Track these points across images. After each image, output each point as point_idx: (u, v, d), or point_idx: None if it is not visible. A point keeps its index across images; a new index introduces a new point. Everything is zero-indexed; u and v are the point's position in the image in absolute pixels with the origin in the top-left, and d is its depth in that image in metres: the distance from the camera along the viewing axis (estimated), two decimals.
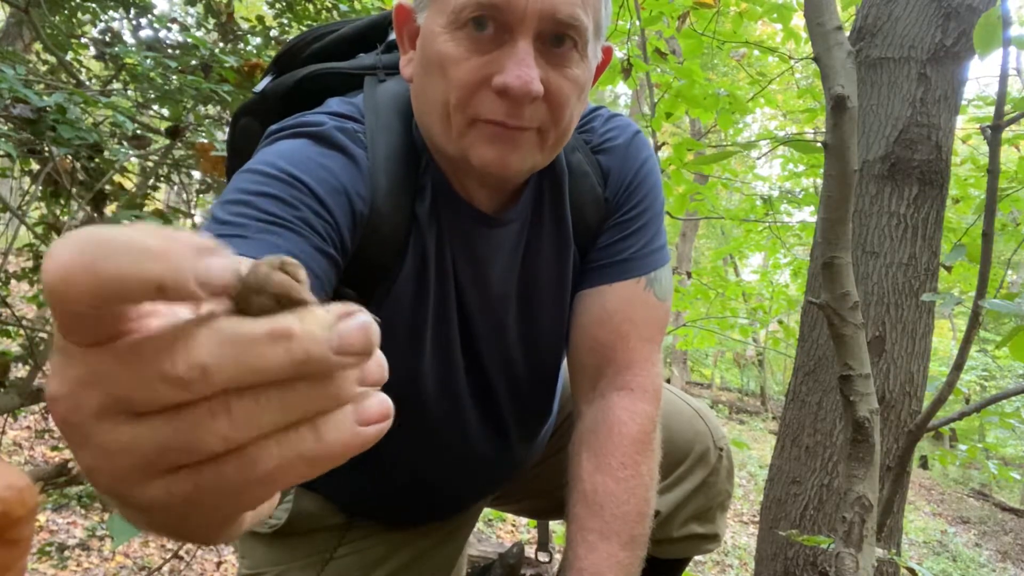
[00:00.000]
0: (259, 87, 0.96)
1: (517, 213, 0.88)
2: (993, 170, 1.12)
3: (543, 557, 1.22)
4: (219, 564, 3.86)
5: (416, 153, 0.84)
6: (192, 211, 2.71)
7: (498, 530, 5.54)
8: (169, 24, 2.96)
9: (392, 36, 0.92)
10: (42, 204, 2.65)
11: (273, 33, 2.97)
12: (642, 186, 0.95)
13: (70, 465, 2.68)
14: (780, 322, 5.86)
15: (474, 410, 0.95)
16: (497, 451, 0.99)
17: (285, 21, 3.03)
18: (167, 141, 2.44)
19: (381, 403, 0.30)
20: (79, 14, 3.30)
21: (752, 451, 10.03)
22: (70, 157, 2.07)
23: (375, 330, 0.28)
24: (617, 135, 0.95)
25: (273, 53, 2.79)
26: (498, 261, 0.88)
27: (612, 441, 0.88)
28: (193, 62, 2.36)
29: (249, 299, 0.27)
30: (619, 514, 0.85)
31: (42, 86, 2.33)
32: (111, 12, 3.13)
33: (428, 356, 0.87)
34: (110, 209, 2.41)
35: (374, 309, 0.76)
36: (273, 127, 0.81)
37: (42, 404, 2.79)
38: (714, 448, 1.04)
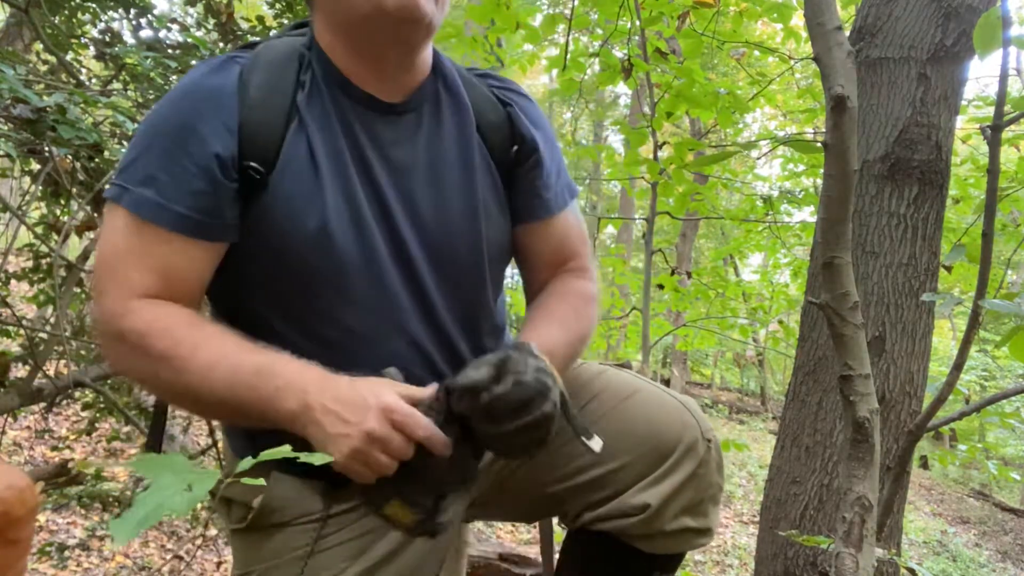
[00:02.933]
0: None
1: (414, 103, 0.99)
2: (993, 170, 1.11)
3: None
4: (219, 564, 3.87)
5: (299, 56, 0.96)
6: None
7: (498, 530, 5.55)
8: (169, 24, 2.96)
9: None
10: (42, 204, 2.65)
11: (273, 33, 2.97)
12: (543, 119, 1.11)
13: (70, 465, 2.68)
14: (780, 322, 5.85)
15: (396, 275, 0.96)
16: (432, 336, 0.98)
17: (285, 21, 3.03)
18: None
19: None
20: (79, 14, 3.30)
21: (752, 451, 10.03)
22: (70, 157, 2.07)
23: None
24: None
25: None
26: (400, 142, 0.98)
27: (568, 289, 1.08)
28: (193, 62, 2.36)
29: None
30: (572, 326, 1.03)
31: (42, 86, 2.33)
32: (111, 12, 3.13)
33: (334, 221, 0.92)
34: None
35: (275, 178, 0.90)
36: None
37: (42, 404, 2.79)
38: (702, 439, 1.03)
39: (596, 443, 0.94)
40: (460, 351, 1.01)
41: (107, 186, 0.92)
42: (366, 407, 0.81)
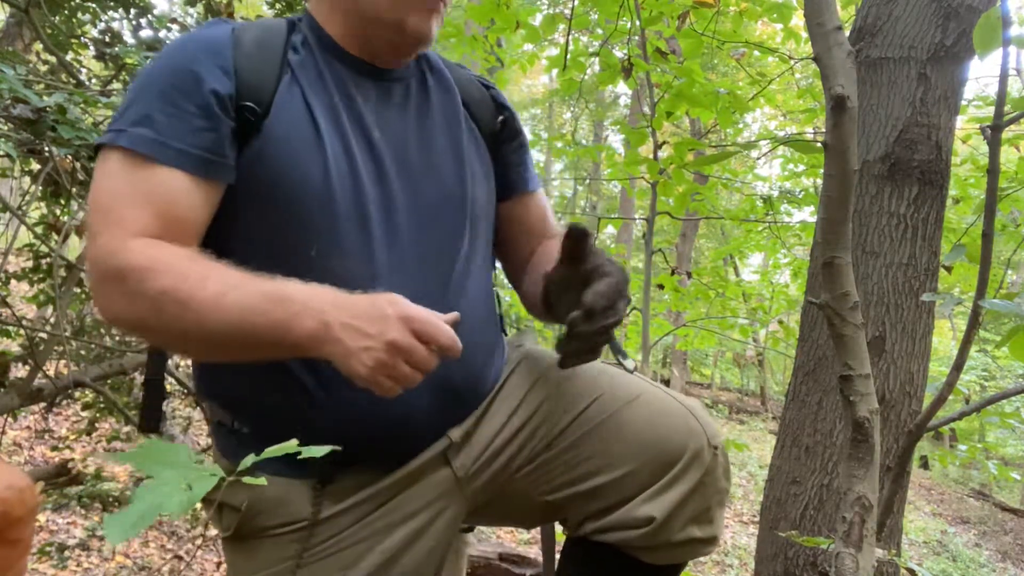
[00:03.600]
0: None
1: (402, 74, 1.05)
2: (993, 170, 1.11)
3: None
4: (219, 564, 3.87)
5: (289, 24, 1.00)
6: None
7: (498, 530, 5.54)
8: (169, 24, 2.96)
9: None
10: (42, 204, 2.65)
11: None
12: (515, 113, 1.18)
13: (70, 465, 2.68)
14: (780, 322, 5.85)
15: (381, 230, 0.95)
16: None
17: None
18: None
19: None
20: (79, 14, 3.30)
21: (752, 451, 10.04)
22: (70, 157, 2.07)
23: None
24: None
25: None
26: (392, 106, 1.02)
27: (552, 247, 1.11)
28: None
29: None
30: None
31: (42, 86, 2.33)
32: (111, 12, 3.13)
33: (334, 170, 0.93)
34: None
35: (271, 124, 0.91)
36: None
37: (42, 404, 2.79)
38: (708, 447, 0.99)
39: (629, 363, 1.01)
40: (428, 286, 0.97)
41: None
42: (385, 318, 0.80)
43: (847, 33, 2.39)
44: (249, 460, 0.65)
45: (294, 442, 0.67)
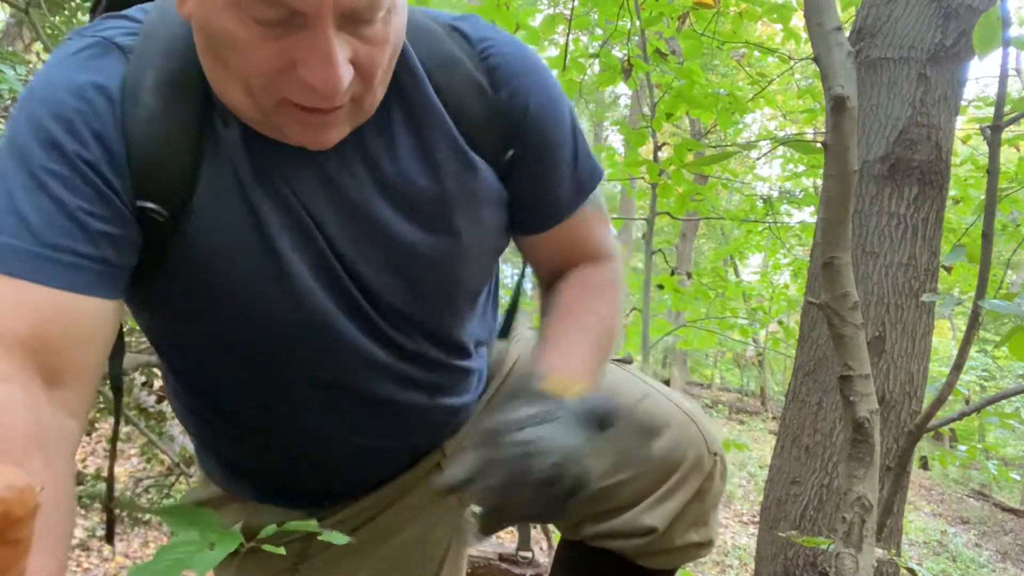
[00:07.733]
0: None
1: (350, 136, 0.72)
2: (993, 170, 1.12)
3: (525, 554, 1.17)
4: None
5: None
6: None
7: None
8: None
9: None
10: None
11: None
12: (555, 104, 0.83)
13: None
14: (780, 322, 5.86)
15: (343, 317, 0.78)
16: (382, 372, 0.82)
17: None
18: None
19: None
20: (79, 14, 3.31)
21: (752, 451, 10.03)
22: None
23: None
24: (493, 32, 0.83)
25: None
26: (341, 180, 0.74)
27: (583, 277, 0.92)
28: None
29: None
30: (590, 316, 0.89)
31: None
32: None
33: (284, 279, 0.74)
34: None
35: (180, 223, 0.68)
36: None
37: None
38: (708, 453, 0.97)
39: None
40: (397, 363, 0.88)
41: None
42: None
43: (847, 33, 2.39)
44: (271, 529, 0.69)
45: (314, 522, 0.70)
